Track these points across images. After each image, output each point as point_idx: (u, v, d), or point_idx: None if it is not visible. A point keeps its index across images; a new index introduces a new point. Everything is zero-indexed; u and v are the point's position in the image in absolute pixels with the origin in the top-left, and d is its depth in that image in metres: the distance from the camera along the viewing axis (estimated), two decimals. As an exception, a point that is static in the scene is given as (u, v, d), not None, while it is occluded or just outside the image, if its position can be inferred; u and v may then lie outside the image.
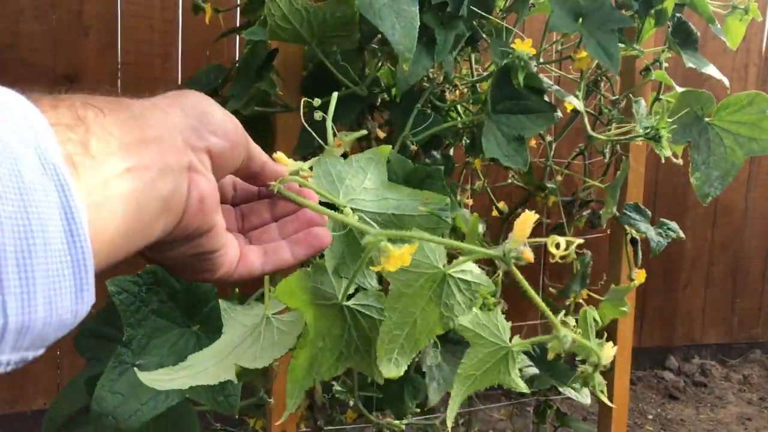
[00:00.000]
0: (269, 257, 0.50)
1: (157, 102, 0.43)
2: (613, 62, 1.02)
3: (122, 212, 0.35)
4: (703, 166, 1.19)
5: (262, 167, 0.49)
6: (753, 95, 1.18)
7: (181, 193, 0.40)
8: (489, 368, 0.56)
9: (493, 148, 0.99)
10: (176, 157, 0.40)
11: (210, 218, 0.43)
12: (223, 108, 0.46)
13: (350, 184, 0.57)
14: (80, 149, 0.34)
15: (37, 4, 1.81)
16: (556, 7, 1.03)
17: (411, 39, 0.88)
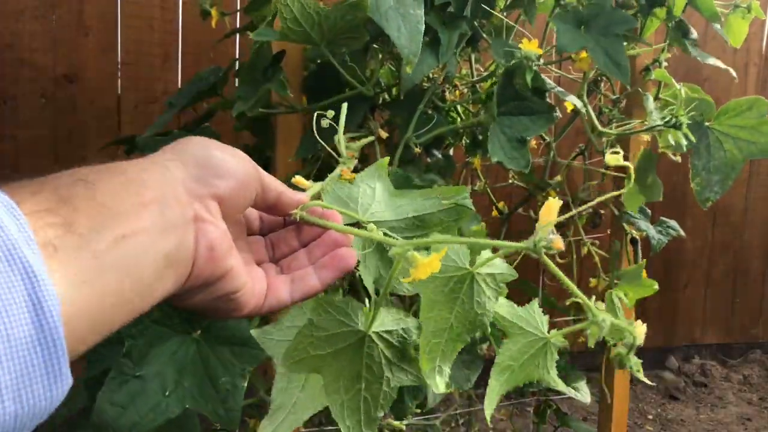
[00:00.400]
0: (297, 285, 0.50)
1: (157, 158, 0.43)
2: (622, 72, 1.01)
3: (116, 282, 0.36)
4: (703, 171, 1.20)
5: (279, 197, 0.49)
6: (752, 100, 1.19)
7: (187, 246, 0.41)
8: (527, 360, 0.55)
9: (497, 150, 0.99)
10: (179, 211, 0.41)
11: (222, 264, 0.43)
12: (229, 147, 0.46)
13: (363, 202, 0.57)
14: (62, 231, 0.34)
15: (37, 4, 1.81)
16: (560, 22, 1.03)
17: (416, 43, 0.89)
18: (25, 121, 1.85)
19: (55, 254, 0.33)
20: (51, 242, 0.33)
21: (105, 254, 0.35)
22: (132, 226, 0.37)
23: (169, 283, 0.40)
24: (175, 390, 0.90)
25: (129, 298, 0.37)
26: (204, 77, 1.24)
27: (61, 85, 1.86)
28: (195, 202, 0.42)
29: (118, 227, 0.37)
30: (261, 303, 0.48)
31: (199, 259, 0.42)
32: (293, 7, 0.87)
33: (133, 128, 1.92)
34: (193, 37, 1.95)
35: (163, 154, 0.44)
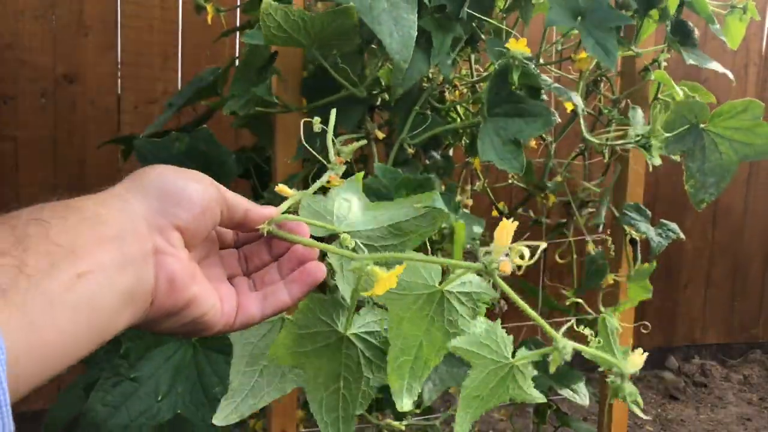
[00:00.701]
0: (268, 302, 0.51)
1: (117, 191, 0.43)
2: (611, 58, 1.02)
3: (70, 323, 0.36)
4: (698, 173, 1.20)
5: (245, 215, 0.50)
6: (747, 102, 1.19)
7: (146, 281, 0.41)
8: (495, 386, 0.54)
9: (488, 150, 0.99)
10: (138, 246, 0.41)
11: (184, 294, 0.44)
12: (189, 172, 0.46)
13: (339, 214, 0.57)
14: (13, 273, 0.34)
15: (37, 4, 1.81)
16: (555, 4, 1.03)
17: (408, 48, 0.88)
18: (25, 121, 1.85)
19: (3, 296, 0.33)
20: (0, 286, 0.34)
21: (59, 295, 0.36)
22: (88, 264, 0.38)
23: (126, 317, 0.40)
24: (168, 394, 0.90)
25: (85, 337, 0.37)
26: (204, 78, 1.24)
27: (61, 85, 1.86)
28: (155, 234, 0.42)
29: (73, 267, 0.37)
30: (231, 321, 0.49)
31: (160, 292, 0.42)
32: (276, 15, 0.87)
33: (133, 128, 1.92)
34: (193, 37, 1.95)
35: (123, 187, 0.44)
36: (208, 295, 0.46)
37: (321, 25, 0.91)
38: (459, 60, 1.23)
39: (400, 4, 0.89)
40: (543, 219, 1.44)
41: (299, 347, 0.57)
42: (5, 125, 1.84)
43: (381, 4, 0.88)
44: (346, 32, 0.93)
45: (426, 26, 0.99)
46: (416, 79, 0.99)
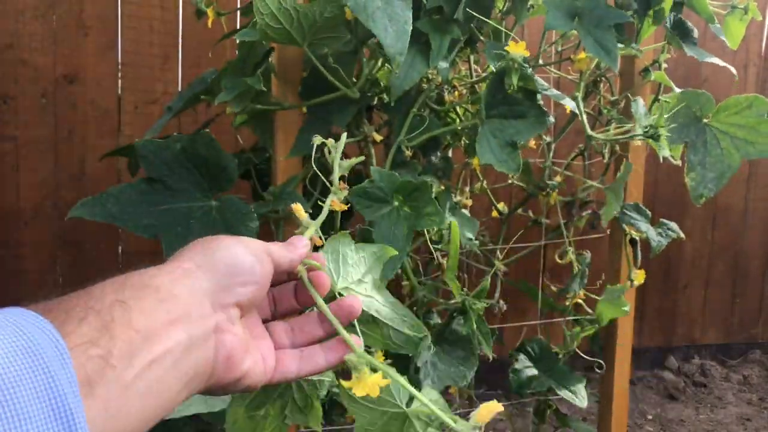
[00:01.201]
0: (304, 363, 0.52)
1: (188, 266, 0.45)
2: (612, 58, 1.01)
3: (139, 408, 0.38)
4: (698, 166, 1.19)
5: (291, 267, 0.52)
6: (752, 98, 1.17)
7: (206, 360, 0.43)
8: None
9: (486, 153, 0.99)
10: (203, 325, 0.43)
11: (239, 369, 0.46)
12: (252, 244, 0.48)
13: (351, 271, 0.58)
14: (100, 364, 0.37)
15: (37, 4, 1.81)
16: (552, 7, 1.03)
17: (403, 42, 0.89)
18: (25, 121, 1.85)
19: (91, 392, 0.36)
20: (90, 378, 0.36)
21: (132, 384, 0.38)
22: (159, 349, 0.40)
23: (185, 395, 0.43)
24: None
25: (149, 417, 0.39)
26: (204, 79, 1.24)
27: (61, 85, 1.87)
28: (218, 312, 0.45)
29: (147, 353, 0.39)
30: (270, 377, 0.50)
31: (217, 370, 0.45)
32: (269, 2, 0.88)
33: (133, 128, 1.92)
34: (193, 38, 1.95)
35: (193, 262, 0.46)
36: (257, 363, 0.48)
37: (313, 17, 0.91)
38: (458, 61, 1.23)
39: (394, 1, 0.89)
40: (543, 219, 1.44)
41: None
42: (5, 125, 1.84)
43: (375, 2, 0.88)
44: (336, 25, 0.94)
45: (423, 28, 0.99)
46: (416, 80, 0.99)
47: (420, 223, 0.94)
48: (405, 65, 0.96)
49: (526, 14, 1.11)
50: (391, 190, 0.92)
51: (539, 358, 1.36)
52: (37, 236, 1.89)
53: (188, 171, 0.97)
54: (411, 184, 0.93)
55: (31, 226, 1.89)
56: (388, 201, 0.93)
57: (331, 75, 0.99)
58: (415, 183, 0.93)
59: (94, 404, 0.35)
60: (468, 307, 1.05)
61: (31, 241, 1.89)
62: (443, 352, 1.11)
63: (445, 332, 1.12)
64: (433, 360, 1.09)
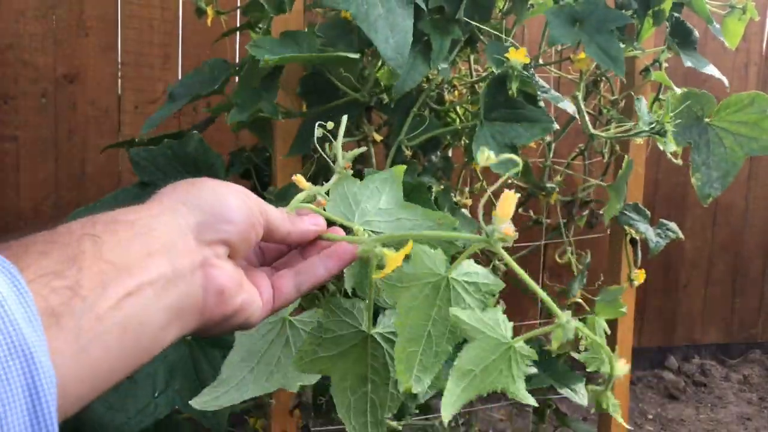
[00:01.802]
0: (303, 277, 0.51)
1: (170, 203, 0.44)
2: (617, 64, 1.01)
3: (117, 342, 0.36)
4: (703, 167, 1.19)
5: (286, 238, 0.51)
6: (753, 95, 1.18)
7: (194, 295, 0.42)
8: (489, 366, 0.52)
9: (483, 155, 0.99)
10: (188, 259, 0.42)
11: (233, 304, 0.45)
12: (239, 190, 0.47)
13: (366, 207, 0.57)
14: (68, 296, 0.35)
15: (37, 5, 1.82)
16: (553, 17, 1.03)
17: (403, 55, 0.89)
18: (25, 121, 1.85)
19: (57, 323, 0.34)
20: (54, 310, 0.34)
21: (108, 315, 0.36)
22: (137, 281, 0.38)
23: (174, 332, 0.41)
24: (165, 391, 0.90)
25: (132, 354, 0.38)
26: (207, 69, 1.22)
27: (61, 85, 1.87)
28: (204, 247, 0.43)
29: (123, 284, 0.37)
30: (270, 308, 0.49)
31: (208, 305, 0.43)
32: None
33: (133, 128, 1.92)
34: (193, 38, 1.95)
35: (176, 198, 0.45)
36: (253, 297, 0.47)
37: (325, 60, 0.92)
38: (458, 60, 1.23)
39: (396, 10, 0.89)
40: (543, 219, 1.44)
41: (324, 352, 0.56)
42: (6, 125, 1.84)
43: (377, 10, 0.88)
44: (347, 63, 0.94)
45: (425, 29, 0.99)
46: (417, 82, 0.99)
47: None
48: (406, 67, 0.96)
49: (526, 14, 1.11)
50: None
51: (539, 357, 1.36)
52: (38, 236, 1.89)
53: (179, 172, 0.97)
54: (408, 185, 0.93)
55: (31, 226, 1.89)
56: None
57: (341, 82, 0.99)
58: (412, 184, 0.93)
59: (60, 335, 0.34)
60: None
61: (32, 241, 1.89)
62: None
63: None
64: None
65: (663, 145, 1.07)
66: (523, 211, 1.47)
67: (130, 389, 0.90)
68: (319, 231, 0.53)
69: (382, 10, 0.88)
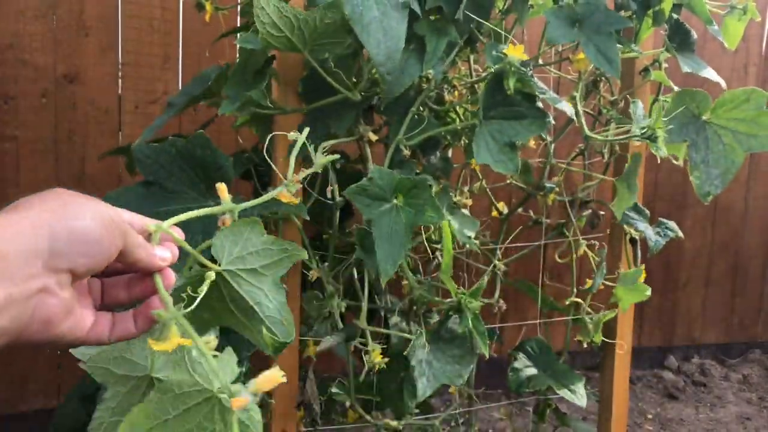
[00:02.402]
0: (117, 328, 0.51)
1: (25, 226, 0.43)
2: (614, 67, 1.02)
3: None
4: (702, 164, 1.18)
5: (133, 265, 0.50)
6: (749, 91, 1.17)
7: (20, 320, 0.42)
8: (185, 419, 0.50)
9: (483, 153, 0.99)
10: (26, 286, 0.42)
11: (55, 331, 0.45)
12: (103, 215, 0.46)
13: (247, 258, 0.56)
14: None
15: (37, 4, 1.82)
16: (553, 17, 1.03)
17: (393, 61, 0.89)
18: (25, 121, 1.85)
19: None
20: None
21: None
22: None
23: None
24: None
25: None
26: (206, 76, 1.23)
27: (61, 85, 1.87)
28: (49, 274, 0.43)
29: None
30: (83, 336, 0.49)
31: (31, 329, 0.43)
32: (269, 10, 0.87)
33: (133, 128, 1.92)
34: (193, 37, 1.95)
35: (34, 218, 0.44)
36: (77, 324, 0.47)
37: (313, 23, 0.91)
38: (458, 60, 1.23)
39: (391, 14, 0.89)
40: (543, 219, 1.44)
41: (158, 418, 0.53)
42: (6, 125, 1.84)
43: (372, 12, 0.88)
44: (337, 30, 0.94)
45: (420, 30, 0.99)
46: (407, 84, 0.99)
47: (419, 220, 0.94)
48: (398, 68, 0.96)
49: (527, 14, 1.11)
50: (390, 187, 0.93)
51: (538, 357, 1.36)
52: (38, 236, 1.89)
53: (185, 173, 0.97)
54: (410, 182, 0.93)
55: (31, 225, 1.89)
56: (387, 199, 0.93)
57: (332, 78, 0.99)
58: (413, 180, 0.93)
59: None
60: (464, 306, 1.05)
61: (32, 240, 1.89)
62: (439, 350, 1.11)
63: (441, 330, 1.12)
64: (428, 358, 1.09)
65: (655, 151, 1.07)
66: (524, 210, 1.47)
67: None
68: (163, 267, 0.52)
69: (378, 12, 0.88)
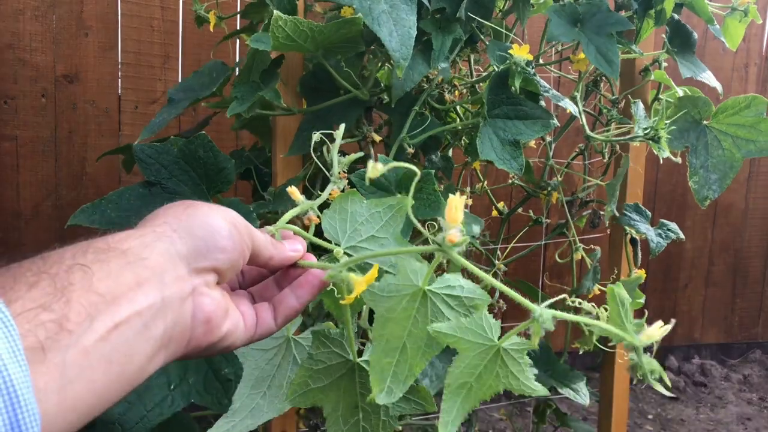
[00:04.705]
0: (279, 311, 0.52)
1: (163, 230, 0.44)
2: (613, 69, 1.02)
3: (103, 373, 0.36)
4: (701, 169, 1.19)
5: (268, 262, 0.51)
6: (751, 98, 1.18)
7: (183, 323, 0.42)
8: (482, 372, 0.51)
9: (488, 150, 0.99)
10: (178, 287, 0.42)
11: (219, 331, 0.45)
12: (228, 215, 0.47)
13: (360, 228, 0.57)
14: (55, 330, 0.34)
15: (37, 4, 1.81)
16: (555, 15, 1.03)
17: (407, 47, 0.89)
18: (25, 121, 1.85)
19: (43, 358, 0.34)
20: (41, 344, 0.34)
21: (95, 348, 0.36)
22: (126, 312, 0.38)
23: (160, 360, 0.41)
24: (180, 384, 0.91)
25: (116, 386, 0.38)
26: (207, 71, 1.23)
27: (61, 85, 1.87)
28: (195, 276, 0.43)
29: (111, 316, 0.37)
30: (252, 335, 0.50)
31: (196, 333, 0.43)
32: (286, 27, 0.87)
33: (133, 128, 1.92)
34: (193, 38, 1.95)
35: (165, 224, 0.44)
36: (237, 323, 0.48)
37: (328, 33, 0.91)
38: (459, 60, 1.23)
39: (399, 5, 0.89)
40: (543, 219, 1.44)
41: (315, 383, 0.57)
42: (5, 125, 1.84)
43: (380, 5, 0.88)
44: (352, 39, 0.94)
45: (426, 28, 0.99)
46: (417, 81, 0.99)
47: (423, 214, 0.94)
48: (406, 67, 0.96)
49: (528, 14, 1.11)
50: (395, 180, 0.93)
51: (539, 357, 1.36)
52: (37, 236, 1.89)
53: (186, 173, 0.96)
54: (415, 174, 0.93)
55: (31, 226, 1.89)
56: (392, 191, 0.93)
57: (341, 78, 0.99)
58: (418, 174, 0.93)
59: (45, 370, 0.33)
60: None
61: (31, 240, 1.89)
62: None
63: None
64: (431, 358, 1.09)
65: (657, 151, 1.07)
66: (524, 210, 1.47)
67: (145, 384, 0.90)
68: (297, 257, 0.53)
69: (386, 6, 0.88)
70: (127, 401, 0.90)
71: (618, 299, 0.48)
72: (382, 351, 0.51)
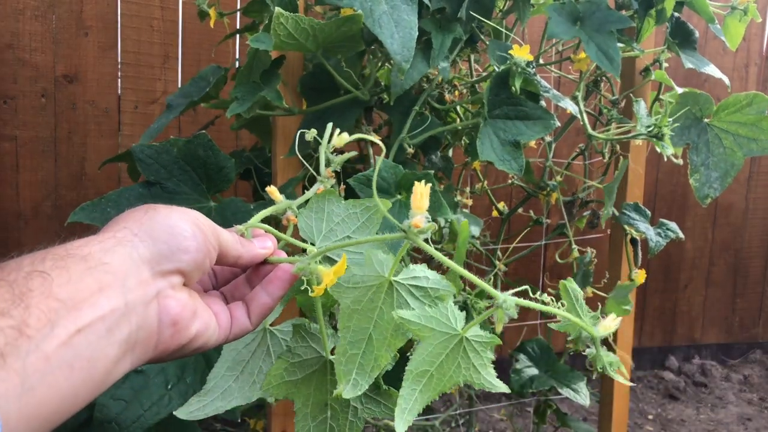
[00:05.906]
0: (252, 308, 0.52)
1: (121, 234, 0.43)
2: (614, 66, 1.02)
3: (66, 378, 0.36)
4: (702, 167, 1.19)
5: (236, 261, 0.51)
6: (752, 96, 1.18)
7: (148, 327, 0.42)
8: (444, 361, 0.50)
9: (488, 151, 0.99)
10: (141, 291, 0.41)
11: (187, 333, 0.45)
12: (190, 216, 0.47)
13: (336, 229, 0.56)
14: (14, 336, 0.34)
15: (37, 4, 1.81)
16: (554, 13, 1.03)
17: (409, 49, 0.89)
18: (25, 121, 1.85)
19: (3, 364, 0.33)
20: (0, 351, 0.33)
21: (56, 353, 0.35)
22: (88, 317, 0.37)
23: (127, 364, 0.41)
24: (177, 384, 0.91)
25: (82, 390, 0.37)
26: (204, 77, 1.23)
27: (61, 85, 1.86)
28: (159, 279, 0.43)
29: (73, 321, 0.37)
30: (227, 335, 0.50)
31: (163, 336, 0.43)
32: (287, 24, 0.87)
33: (133, 128, 1.92)
34: (193, 37, 1.95)
35: (126, 229, 0.44)
36: (208, 323, 0.47)
37: (329, 31, 0.91)
38: (459, 60, 1.23)
39: (400, 6, 0.89)
40: (543, 219, 1.44)
41: (290, 376, 0.57)
42: (5, 125, 1.84)
43: (381, 7, 0.88)
44: (352, 37, 0.94)
45: (426, 27, 0.99)
46: (416, 80, 0.99)
47: None
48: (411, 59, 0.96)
49: (528, 14, 1.11)
50: (394, 182, 0.92)
51: (540, 357, 1.36)
52: (37, 236, 1.89)
53: (186, 173, 0.96)
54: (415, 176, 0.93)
55: (31, 226, 1.89)
56: (392, 193, 0.93)
57: (342, 78, 0.98)
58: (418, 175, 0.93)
59: (6, 377, 0.33)
60: (470, 306, 1.05)
61: (31, 240, 1.89)
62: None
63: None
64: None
65: (661, 149, 1.07)
66: (524, 210, 1.47)
67: (143, 383, 0.90)
68: (267, 254, 0.53)
69: (386, 6, 0.88)
70: (123, 400, 0.90)
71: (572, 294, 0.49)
72: (348, 343, 0.51)
